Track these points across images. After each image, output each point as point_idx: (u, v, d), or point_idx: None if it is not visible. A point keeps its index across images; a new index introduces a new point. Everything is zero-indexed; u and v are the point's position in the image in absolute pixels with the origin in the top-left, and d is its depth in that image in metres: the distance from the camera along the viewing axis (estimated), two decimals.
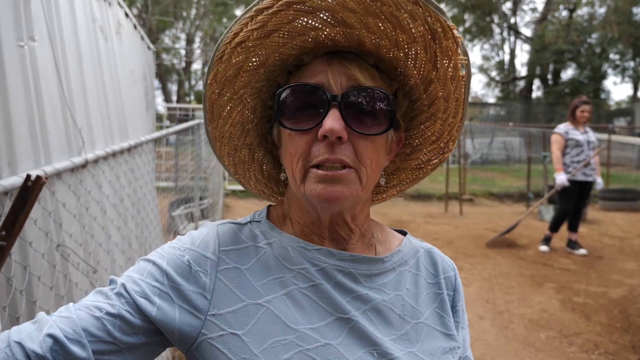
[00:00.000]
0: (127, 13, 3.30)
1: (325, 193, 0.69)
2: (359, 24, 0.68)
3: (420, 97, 0.77)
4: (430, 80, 0.74)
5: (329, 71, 0.70)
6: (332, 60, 0.71)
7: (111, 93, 2.65)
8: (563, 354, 3.53)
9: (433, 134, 0.81)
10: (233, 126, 0.79)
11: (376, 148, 0.73)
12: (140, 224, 2.96)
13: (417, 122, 0.81)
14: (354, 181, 0.70)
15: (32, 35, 1.67)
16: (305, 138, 0.70)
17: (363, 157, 0.71)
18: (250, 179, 0.88)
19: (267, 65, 0.73)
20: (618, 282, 5.06)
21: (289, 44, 0.70)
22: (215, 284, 0.71)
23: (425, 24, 0.67)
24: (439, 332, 0.80)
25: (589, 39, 26.09)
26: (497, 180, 13.35)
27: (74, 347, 0.63)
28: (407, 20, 0.66)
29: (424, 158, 0.86)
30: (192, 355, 0.70)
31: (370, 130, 0.70)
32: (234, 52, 0.70)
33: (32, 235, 1.53)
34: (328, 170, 0.69)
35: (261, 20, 0.67)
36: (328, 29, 0.68)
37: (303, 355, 0.67)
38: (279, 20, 0.67)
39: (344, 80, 0.70)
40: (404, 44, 0.70)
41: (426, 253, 0.89)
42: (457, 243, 6.73)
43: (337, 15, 0.67)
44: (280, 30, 0.68)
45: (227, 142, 0.81)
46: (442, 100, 0.76)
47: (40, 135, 1.68)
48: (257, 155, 0.85)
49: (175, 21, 24.56)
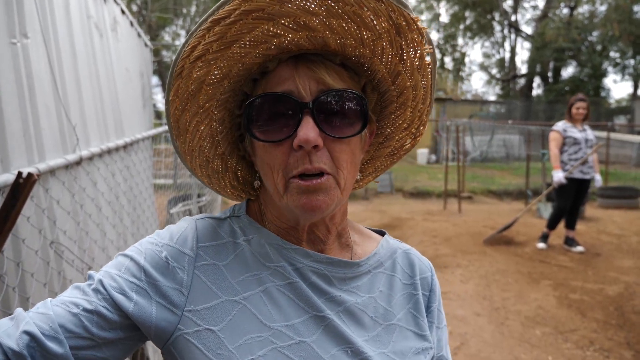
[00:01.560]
0: (124, 10, 3.30)
1: (309, 203, 0.69)
2: (322, 27, 0.66)
3: (388, 88, 0.77)
4: (397, 72, 0.74)
5: (296, 77, 0.69)
6: (298, 64, 0.70)
7: (106, 90, 2.66)
8: (558, 350, 3.54)
9: (404, 121, 0.82)
10: (202, 139, 0.77)
11: (351, 149, 0.73)
12: (137, 221, 2.97)
13: (387, 112, 0.81)
14: (333, 187, 0.71)
15: (25, 32, 1.68)
16: (281, 149, 0.69)
17: (340, 161, 0.71)
18: (226, 186, 0.88)
19: (231, 76, 0.71)
20: (614, 279, 5.07)
21: (252, 53, 0.68)
22: (193, 280, 0.71)
23: (389, 20, 0.66)
24: (412, 332, 0.81)
25: (590, 37, 26.03)
26: (497, 178, 13.35)
27: (51, 344, 0.63)
28: (371, 18, 0.66)
29: (396, 145, 0.86)
30: (167, 350, 0.70)
31: (344, 132, 0.70)
32: (194, 66, 0.68)
33: (25, 232, 1.54)
34: (309, 181, 0.69)
35: (219, 32, 0.65)
36: (291, 35, 0.67)
37: (277, 352, 0.68)
38: (239, 30, 0.65)
39: (313, 85, 0.69)
40: (369, 41, 0.69)
41: (403, 254, 0.89)
42: (455, 240, 6.74)
43: (298, 20, 0.65)
44: (240, 40, 0.66)
45: (198, 155, 0.80)
46: (410, 90, 0.76)
47: (33, 132, 1.69)
48: (230, 164, 0.84)
49: (175, 18, 24.54)
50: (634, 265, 5.52)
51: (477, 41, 32.61)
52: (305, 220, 0.75)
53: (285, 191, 0.71)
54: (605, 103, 27.50)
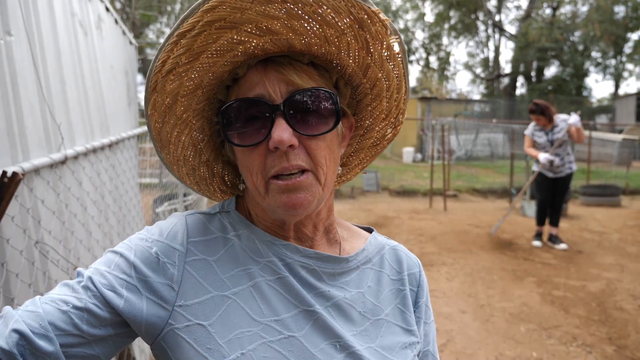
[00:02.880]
0: (108, 7, 3.26)
1: (290, 202, 0.70)
2: (284, 29, 0.67)
3: (361, 82, 0.78)
4: (367, 65, 0.75)
5: (266, 81, 0.70)
6: (267, 68, 0.71)
7: (91, 88, 2.62)
8: (542, 346, 3.61)
9: (382, 112, 0.83)
10: (185, 149, 0.79)
11: (328, 145, 0.74)
12: (122, 221, 2.94)
13: (363, 104, 0.83)
14: (313, 184, 0.72)
15: (8, 30, 1.65)
16: (258, 151, 0.71)
17: (317, 158, 0.72)
18: (215, 191, 0.89)
19: (203, 85, 0.72)
20: (596, 275, 5.17)
21: (220, 62, 0.69)
22: (183, 275, 0.72)
23: (350, 15, 0.67)
24: (400, 327, 0.82)
25: (572, 37, 26.50)
26: (481, 177, 13.50)
27: (41, 342, 0.63)
28: (332, 15, 0.67)
29: (378, 135, 0.88)
30: (158, 345, 0.70)
31: (318, 130, 0.72)
32: (167, 79, 0.69)
33: (9, 232, 1.52)
34: (288, 180, 0.70)
35: (186, 44, 0.66)
36: (255, 40, 0.68)
37: (267, 347, 0.69)
38: (204, 41, 0.66)
39: (282, 87, 0.70)
40: (333, 38, 0.70)
41: (391, 250, 0.91)
42: (441, 238, 6.81)
43: (260, 25, 0.66)
44: (207, 50, 0.68)
45: (184, 164, 0.81)
46: (383, 80, 0.77)
47: (17, 131, 1.66)
48: (216, 170, 0.86)
49: (159, 16, 24.26)
50: (615, 262, 5.64)
51: (462, 40, 32.99)
52: (290, 218, 0.76)
53: (267, 192, 0.72)
54: (587, 102, 28.01)
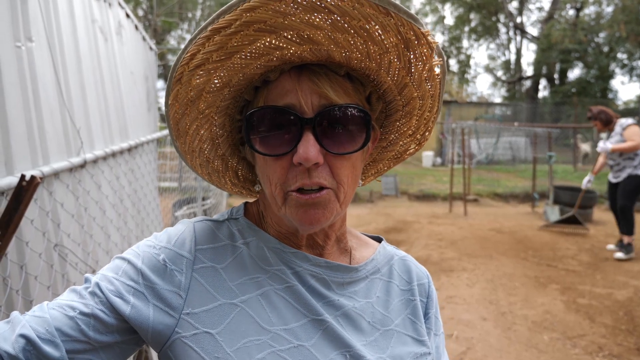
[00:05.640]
0: (129, 14, 3.31)
1: (307, 217, 0.69)
2: (326, 40, 0.64)
3: (394, 98, 0.75)
4: (404, 84, 0.72)
5: (299, 90, 0.67)
6: (301, 76, 0.68)
7: (111, 93, 2.66)
8: (566, 356, 3.49)
9: (409, 128, 0.81)
10: (202, 142, 0.76)
11: (352, 163, 0.72)
12: (141, 224, 2.97)
13: (392, 119, 0.80)
14: (332, 201, 0.70)
15: (29, 36, 1.68)
16: (280, 163, 0.69)
17: (340, 177, 0.69)
18: (226, 183, 0.88)
19: (232, 85, 0.69)
20: (623, 283, 5.01)
21: (253, 64, 0.66)
22: (191, 283, 0.71)
23: (398, 34, 0.63)
24: (411, 338, 0.80)
25: (596, 38, 25.90)
26: (503, 181, 13.27)
27: (47, 347, 0.62)
28: (379, 32, 0.63)
29: (400, 149, 0.86)
30: (165, 354, 0.69)
31: (346, 149, 0.69)
32: (194, 74, 0.66)
33: (28, 235, 1.54)
34: (307, 195, 0.68)
35: (219, 42, 0.62)
36: (294, 48, 0.64)
37: (276, 356, 0.67)
38: (239, 41, 0.63)
39: (315, 100, 0.67)
40: (376, 55, 0.67)
41: (400, 261, 0.89)
42: (461, 244, 6.69)
43: (302, 34, 0.62)
44: (242, 51, 0.64)
45: (198, 156, 0.79)
46: (417, 100, 0.75)
47: (37, 135, 1.69)
48: (230, 164, 0.84)
49: (180, 22, 24.67)
50: None
51: (482, 43, 32.53)
52: (304, 231, 0.74)
53: (284, 203, 0.70)
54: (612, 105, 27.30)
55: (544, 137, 10.88)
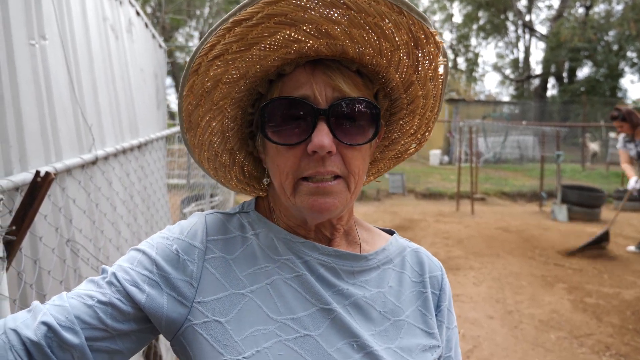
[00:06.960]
0: (138, 11, 3.33)
1: (317, 205, 0.71)
2: (343, 35, 0.67)
3: (400, 96, 0.79)
4: (411, 82, 0.75)
5: (313, 83, 0.70)
6: (315, 70, 0.71)
7: (122, 91, 2.69)
8: (573, 355, 3.49)
9: (411, 127, 0.83)
10: (213, 134, 0.79)
11: (362, 155, 0.75)
12: (150, 221, 3.00)
13: (396, 118, 0.83)
14: (343, 191, 0.73)
15: (43, 34, 1.71)
16: (294, 152, 0.71)
17: (352, 167, 0.72)
18: (231, 179, 0.89)
19: (248, 76, 0.72)
20: (631, 283, 4.98)
21: (271, 56, 0.69)
22: (202, 272, 0.73)
23: (409, 32, 0.67)
24: (420, 329, 0.81)
25: (606, 36, 25.63)
26: (510, 180, 13.21)
27: (67, 334, 0.65)
28: (391, 30, 0.67)
29: (401, 148, 0.88)
30: (177, 340, 0.72)
31: (357, 140, 0.72)
32: (212, 64, 0.68)
33: (42, 230, 1.57)
34: (319, 183, 0.70)
35: (240, 33, 0.65)
36: (311, 41, 0.68)
37: (282, 345, 0.69)
38: (260, 33, 0.65)
39: (329, 92, 0.70)
40: (387, 51, 0.70)
41: (413, 252, 0.90)
42: (468, 242, 6.68)
43: (320, 28, 0.66)
44: (261, 43, 0.67)
45: (207, 149, 0.81)
46: (421, 99, 0.78)
47: (50, 132, 1.72)
48: (237, 159, 0.86)
49: (188, 20, 24.74)
50: None
51: (491, 41, 32.45)
52: (313, 220, 0.77)
53: (294, 192, 0.72)
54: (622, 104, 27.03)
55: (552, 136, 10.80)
